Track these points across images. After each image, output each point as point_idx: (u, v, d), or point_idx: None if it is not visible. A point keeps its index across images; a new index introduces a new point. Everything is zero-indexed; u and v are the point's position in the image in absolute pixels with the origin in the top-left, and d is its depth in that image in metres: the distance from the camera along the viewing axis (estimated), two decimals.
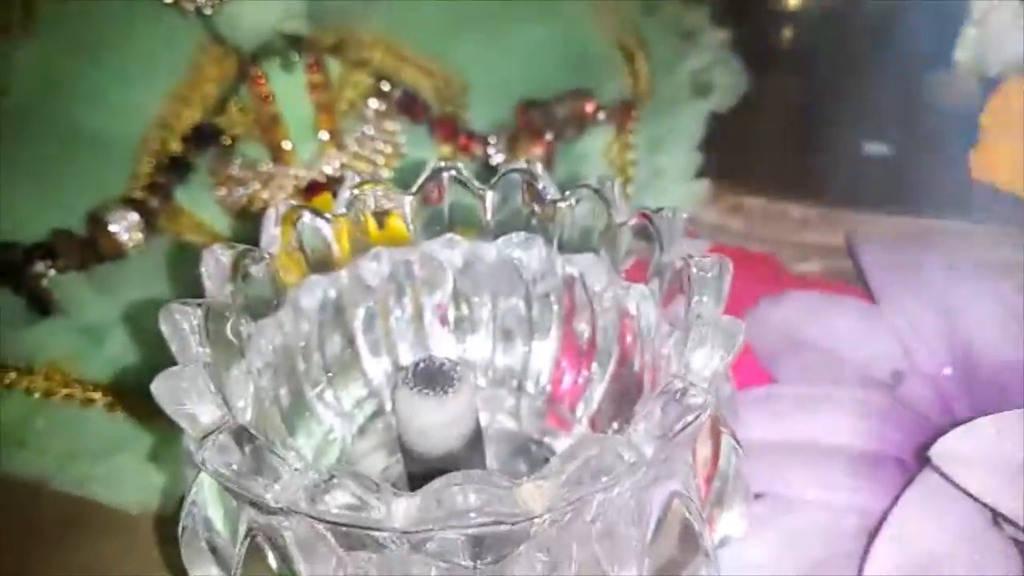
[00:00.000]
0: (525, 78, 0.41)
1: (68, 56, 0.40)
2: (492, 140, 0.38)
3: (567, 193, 0.23)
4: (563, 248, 0.24)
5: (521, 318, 0.25)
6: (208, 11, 0.35)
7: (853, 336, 0.26)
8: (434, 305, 0.25)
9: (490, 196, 0.24)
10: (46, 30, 0.41)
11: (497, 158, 0.37)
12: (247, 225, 0.37)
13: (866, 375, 0.25)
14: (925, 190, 0.34)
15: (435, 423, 0.19)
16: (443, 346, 0.26)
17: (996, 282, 0.27)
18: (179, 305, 0.19)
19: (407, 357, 0.25)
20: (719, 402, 0.19)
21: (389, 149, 0.39)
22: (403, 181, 0.25)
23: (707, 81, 0.38)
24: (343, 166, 0.38)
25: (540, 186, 0.23)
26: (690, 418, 0.15)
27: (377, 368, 0.25)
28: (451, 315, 0.25)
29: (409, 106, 0.40)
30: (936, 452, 0.21)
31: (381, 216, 0.25)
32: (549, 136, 0.37)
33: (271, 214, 0.22)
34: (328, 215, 0.23)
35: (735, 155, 0.34)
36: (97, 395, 0.28)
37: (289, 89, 0.37)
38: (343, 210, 0.23)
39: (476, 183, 0.24)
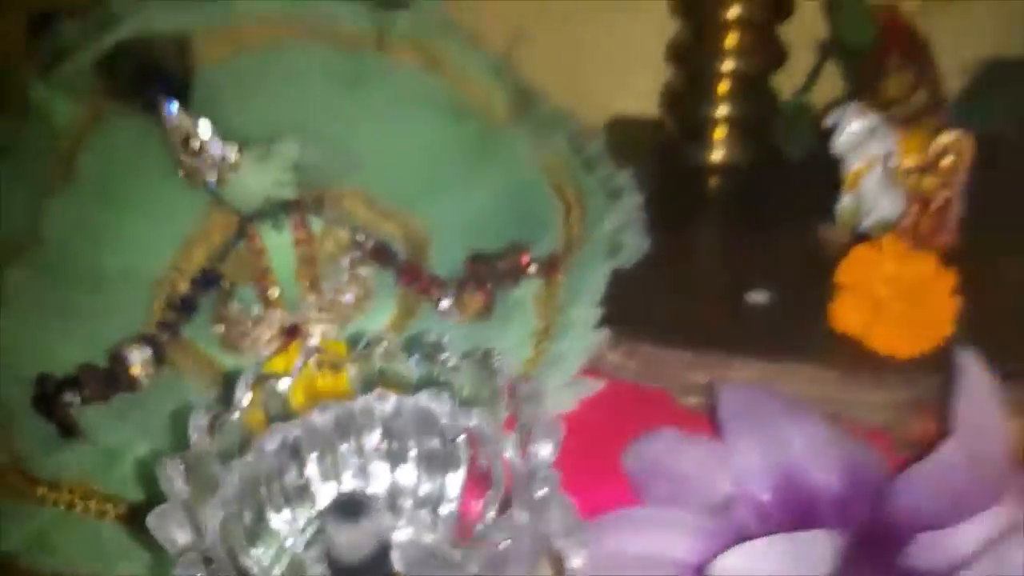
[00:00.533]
0: (479, 229, 0.49)
1: (99, 208, 0.49)
2: (446, 287, 0.46)
3: (464, 360, 0.31)
4: (463, 402, 0.31)
5: (438, 454, 0.32)
6: (214, 185, 0.44)
7: (703, 468, 0.33)
8: (372, 444, 0.33)
9: (412, 360, 0.32)
10: (81, 184, 0.49)
11: (445, 303, 0.45)
12: (242, 359, 0.45)
13: (707, 501, 0.32)
14: (790, 337, 0.41)
15: (350, 543, 0.26)
16: (380, 475, 0.33)
17: (823, 420, 0.34)
18: (170, 460, 0.26)
19: (350, 484, 0.33)
20: (562, 531, 0.26)
21: (361, 292, 0.47)
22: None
23: (620, 241, 0.45)
24: (321, 309, 0.45)
25: (444, 355, 0.31)
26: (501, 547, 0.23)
27: (325, 493, 0.32)
28: (384, 451, 0.33)
29: (380, 254, 0.48)
30: (712, 569, 0.28)
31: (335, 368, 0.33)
32: (490, 286, 0.45)
33: (242, 382, 0.30)
34: (287, 378, 0.31)
35: (632, 306, 0.42)
36: (109, 507, 0.35)
37: (278, 245, 0.45)
38: (296, 377, 0.31)
39: (401, 351, 0.32)
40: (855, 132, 0.44)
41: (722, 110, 0.56)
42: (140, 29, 0.45)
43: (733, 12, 0.53)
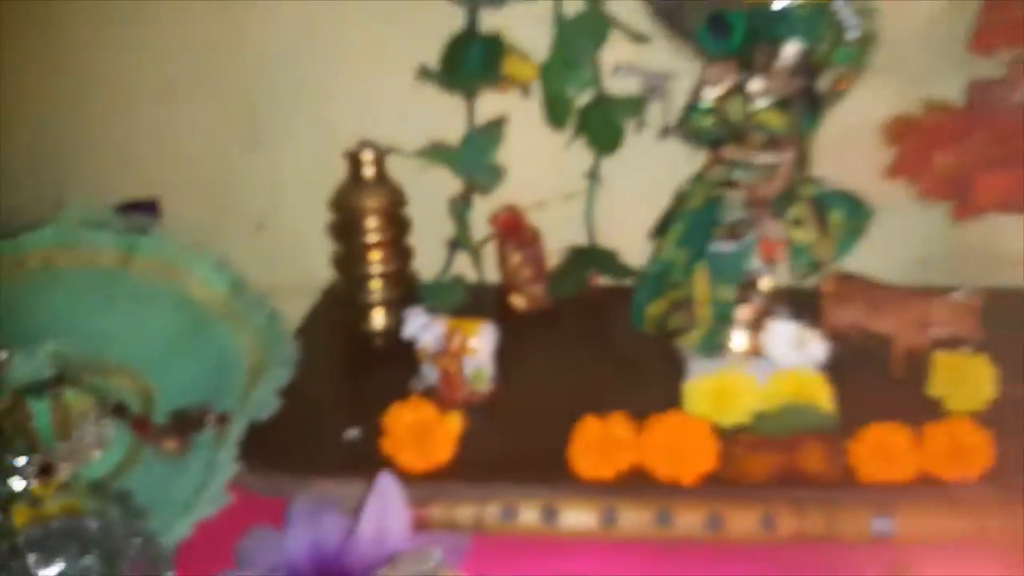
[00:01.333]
0: (190, 390, 0.74)
1: None
2: (158, 434, 0.70)
3: (114, 498, 0.55)
4: (120, 521, 0.55)
5: (110, 550, 0.56)
6: None
7: (268, 547, 0.58)
8: (68, 546, 0.56)
9: (90, 496, 0.56)
10: None
11: (162, 441, 0.69)
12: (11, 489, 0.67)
13: (265, 566, 0.57)
14: (361, 460, 0.66)
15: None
16: (75, 563, 0.56)
17: (342, 514, 0.60)
18: None
19: (56, 569, 0.56)
20: None
21: (100, 440, 0.70)
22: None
23: (267, 401, 0.71)
24: (69, 452, 0.69)
25: (105, 493, 0.55)
26: None
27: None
28: (76, 548, 0.56)
29: (118, 411, 0.72)
30: None
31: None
32: (184, 434, 0.69)
33: None
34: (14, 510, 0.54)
35: (263, 443, 0.67)
36: None
37: (40, 409, 0.68)
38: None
39: (85, 491, 0.56)
40: (414, 326, 0.71)
41: (375, 296, 0.83)
42: None
43: (371, 238, 0.80)
